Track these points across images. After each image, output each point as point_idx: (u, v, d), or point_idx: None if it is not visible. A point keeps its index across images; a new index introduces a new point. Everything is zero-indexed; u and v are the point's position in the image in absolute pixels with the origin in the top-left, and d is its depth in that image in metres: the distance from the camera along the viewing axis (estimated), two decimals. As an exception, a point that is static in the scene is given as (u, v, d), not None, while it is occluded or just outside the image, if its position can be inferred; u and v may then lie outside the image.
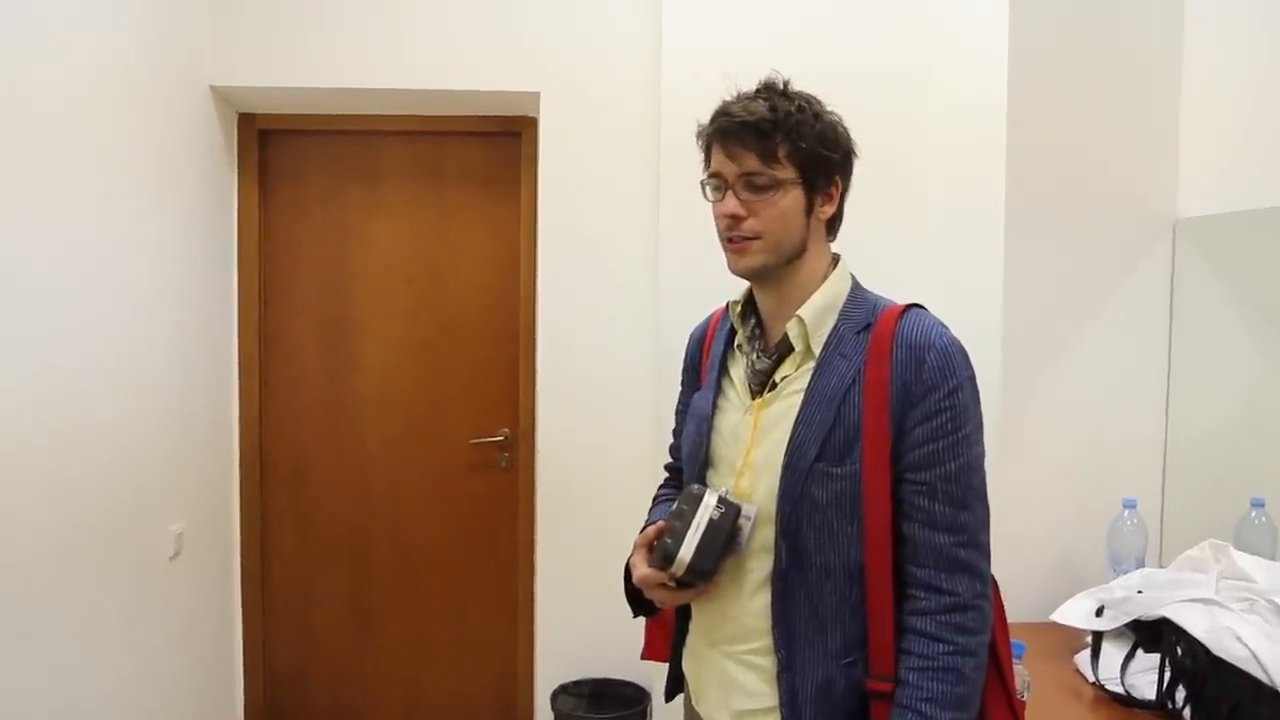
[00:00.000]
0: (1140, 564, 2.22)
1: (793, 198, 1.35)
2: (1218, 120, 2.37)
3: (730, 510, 1.32)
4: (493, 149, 3.34)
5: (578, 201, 3.07)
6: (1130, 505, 2.26)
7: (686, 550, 1.32)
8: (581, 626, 3.16)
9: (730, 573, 1.38)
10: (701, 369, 1.58)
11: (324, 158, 3.35)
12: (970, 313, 2.24)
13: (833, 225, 1.43)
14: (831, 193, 1.39)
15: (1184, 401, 2.43)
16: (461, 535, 3.42)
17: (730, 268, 1.39)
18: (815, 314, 1.37)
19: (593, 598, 3.08)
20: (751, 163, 1.32)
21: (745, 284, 1.45)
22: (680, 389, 1.68)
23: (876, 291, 1.44)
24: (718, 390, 1.48)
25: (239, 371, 3.32)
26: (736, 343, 1.49)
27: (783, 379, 1.38)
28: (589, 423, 3.13)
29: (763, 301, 1.44)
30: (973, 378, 1.31)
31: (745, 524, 1.33)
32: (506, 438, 3.37)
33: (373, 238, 3.35)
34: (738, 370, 1.47)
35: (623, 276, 3.08)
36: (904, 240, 2.59)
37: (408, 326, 3.37)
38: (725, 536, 1.32)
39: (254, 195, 3.30)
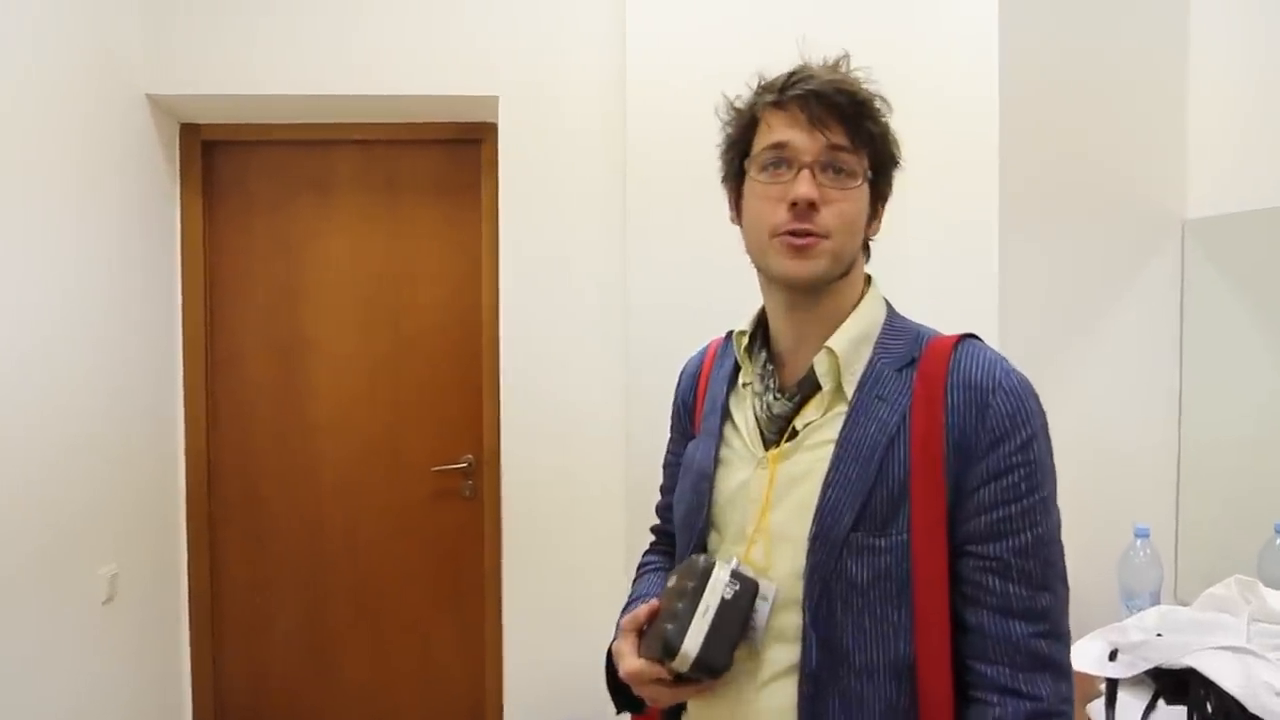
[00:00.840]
0: (1155, 599, 2.04)
1: (865, 195, 1.14)
2: (1226, 117, 2.20)
3: (746, 588, 1.08)
4: (450, 158, 3.16)
5: (541, 211, 2.90)
6: (1143, 535, 2.07)
7: (693, 640, 1.06)
8: (551, 664, 2.96)
9: (741, 663, 1.12)
10: (696, 414, 1.34)
11: (272, 169, 3.16)
12: (962, 326, 2.05)
13: (867, 245, 1.22)
14: (881, 206, 1.19)
15: (1197, 415, 2.25)
16: (424, 568, 3.23)
17: (779, 273, 1.13)
18: (849, 346, 1.14)
19: (563, 633, 2.91)
20: (841, 139, 1.10)
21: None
22: (669, 437, 1.44)
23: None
24: (719, 439, 1.24)
25: (184, 397, 3.13)
26: (743, 381, 1.25)
27: (806, 425, 1.14)
28: (556, 447, 2.94)
29: (786, 329, 1.20)
30: (1046, 425, 1.09)
31: (763, 605, 1.09)
32: (470, 464, 3.18)
33: (325, 253, 3.17)
34: (744, 414, 1.22)
35: (590, 289, 2.90)
36: (890, 253, 2.40)
37: (363, 345, 3.18)
38: (741, 621, 1.08)
39: (198, 210, 3.11)
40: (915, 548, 1.05)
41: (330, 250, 3.17)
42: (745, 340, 1.25)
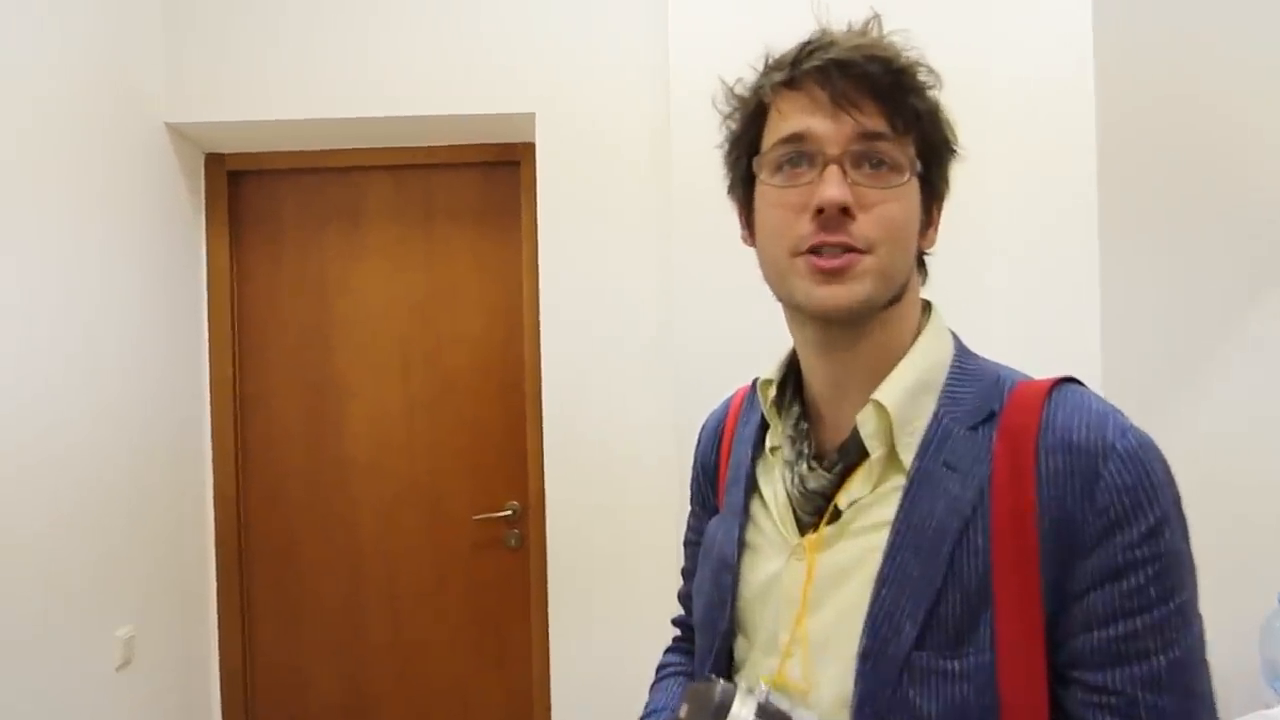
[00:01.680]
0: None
1: (915, 194, 0.88)
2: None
3: None
4: (487, 181, 2.97)
5: (582, 236, 2.69)
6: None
7: None
8: (603, 731, 2.71)
9: None
10: (719, 482, 1.08)
11: (301, 199, 3.00)
12: (1059, 359, 1.74)
13: (922, 260, 0.95)
14: (936, 208, 0.93)
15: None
16: (467, 624, 3.01)
17: (806, 304, 0.87)
18: (904, 398, 0.88)
19: (615, 694, 2.63)
20: (877, 122, 0.85)
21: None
22: (689, 509, 1.18)
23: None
24: (744, 517, 0.99)
25: (212, 441, 2.96)
26: (770, 444, 1.00)
27: (852, 504, 0.89)
28: (603, 492, 2.72)
29: (821, 376, 0.94)
30: (1179, 501, 0.81)
31: None
32: (515, 512, 2.96)
33: (358, 287, 2.99)
34: (773, 486, 0.97)
35: (635, 320, 2.69)
36: (968, 273, 2.12)
37: (398, 384, 2.99)
38: None
39: (225, 243, 2.96)
40: (1002, 673, 0.79)
41: (363, 283, 2.99)
42: (772, 391, 0.98)
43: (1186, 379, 1.91)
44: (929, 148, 0.88)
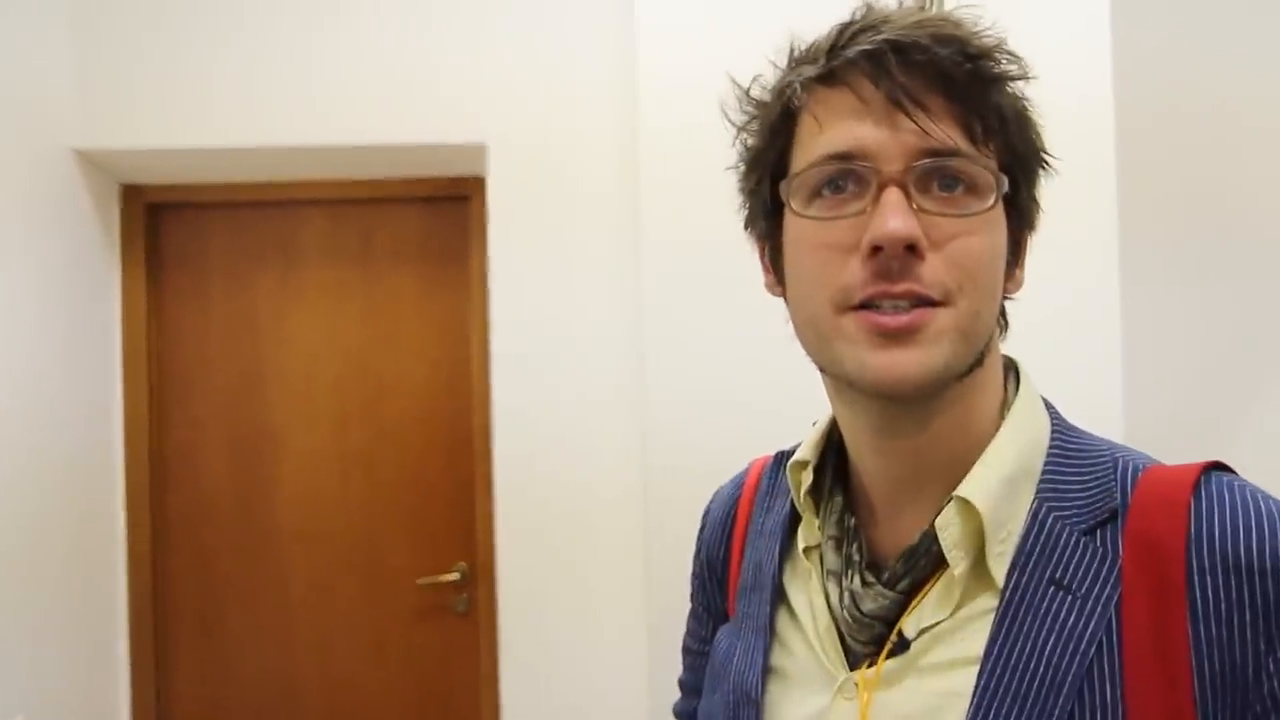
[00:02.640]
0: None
1: (1002, 226, 0.67)
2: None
3: None
4: (433, 218, 2.79)
5: (538, 279, 2.50)
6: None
7: None
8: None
9: None
10: (729, 583, 0.86)
11: (230, 236, 2.78)
12: (1076, 403, 1.58)
13: (1003, 311, 0.73)
14: (1025, 239, 0.72)
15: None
16: (410, 698, 2.78)
17: (860, 376, 0.66)
18: (999, 493, 0.67)
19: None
20: (950, 129, 0.64)
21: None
22: (690, 607, 0.95)
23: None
24: (769, 636, 0.77)
25: (125, 503, 2.71)
26: (805, 543, 0.77)
27: (923, 632, 0.68)
28: (562, 554, 2.53)
29: (880, 465, 0.72)
30: None
31: None
32: (463, 575, 2.74)
33: (291, 331, 2.78)
34: (809, 597, 0.76)
35: (599, 373, 2.50)
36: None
37: (335, 438, 2.78)
38: None
39: (141, 284, 2.73)
40: None
41: (297, 328, 2.78)
42: (808, 477, 0.75)
43: (1214, 425, 1.76)
44: (1017, 160, 0.68)
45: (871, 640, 0.69)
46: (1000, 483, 0.67)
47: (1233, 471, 0.67)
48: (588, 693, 2.50)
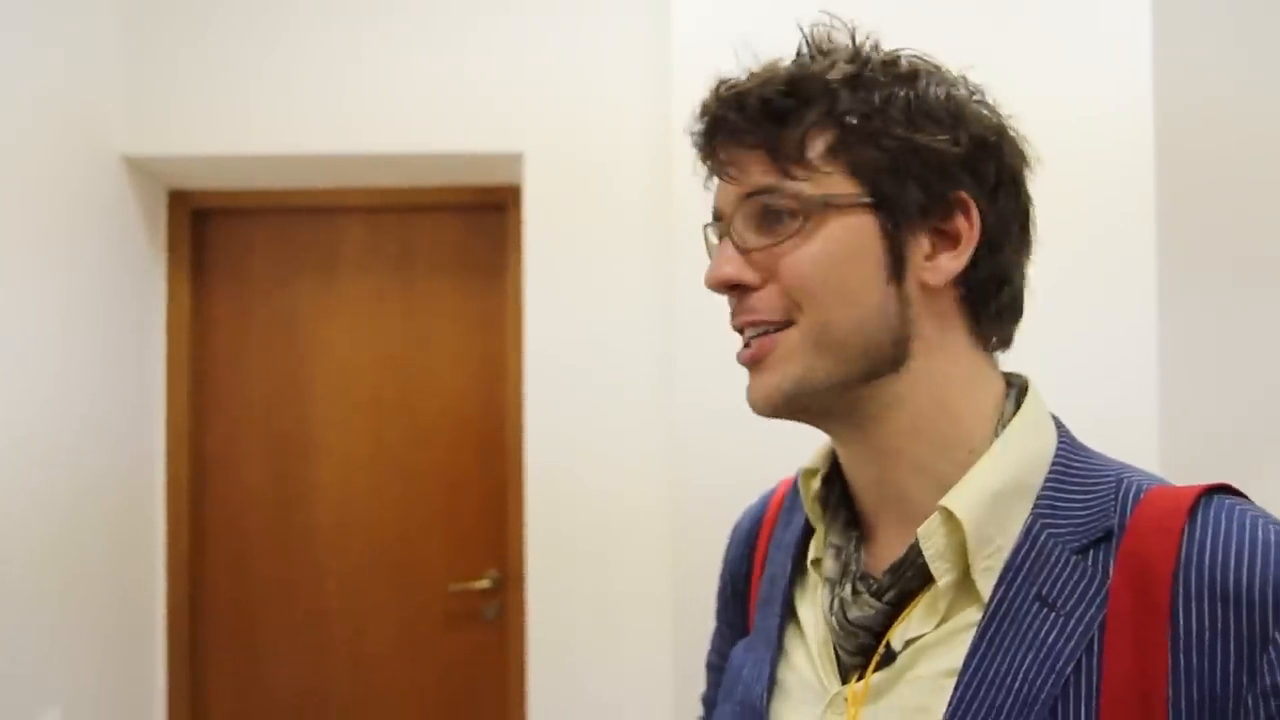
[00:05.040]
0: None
1: (847, 229, 0.68)
2: None
3: None
4: (470, 226, 2.79)
5: (572, 289, 2.50)
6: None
7: None
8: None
9: None
10: (750, 598, 0.88)
11: (271, 242, 2.81)
12: (1109, 435, 1.55)
13: (984, 302, 0.71)
14: (955, 225, 0.69)
15: None
16: (439, 704, 2.78)
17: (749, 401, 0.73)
18: (986, 506, 0.67)
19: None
20: (763, 172, 0.69)
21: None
22: (715, 625, 0.96)
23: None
24: (777, 650, 0.78)
25: (166, 503, 2.74)
26: (813, 555, 0.78)
27: (908, 644, 0.68)
28: (592, 563, 2.52)
29: (856, 471, 0.75)
30: None
31: None
32: (494, 582, 2.73)
33: (329, 337, 2.80)
34: (814, 611, 0.76)
35: (630, 382, 2.49)
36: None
37: (372, 444, 2.79)
38: None
39: (186, 288, 2.76)
40: None
41: (336, 334, 2.80)
42: (816, 483, 0.77)
43: (1250, 448, 1.71)
44: (883, 155, 0.68)
45: (858, 650, 0.70)
46: (989, 496, 0.67)
47: (1240, 494, 0.66)
48: (614, 702, 2.48)
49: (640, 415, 2.47)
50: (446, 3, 2.50)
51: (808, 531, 0.80)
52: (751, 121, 0.69)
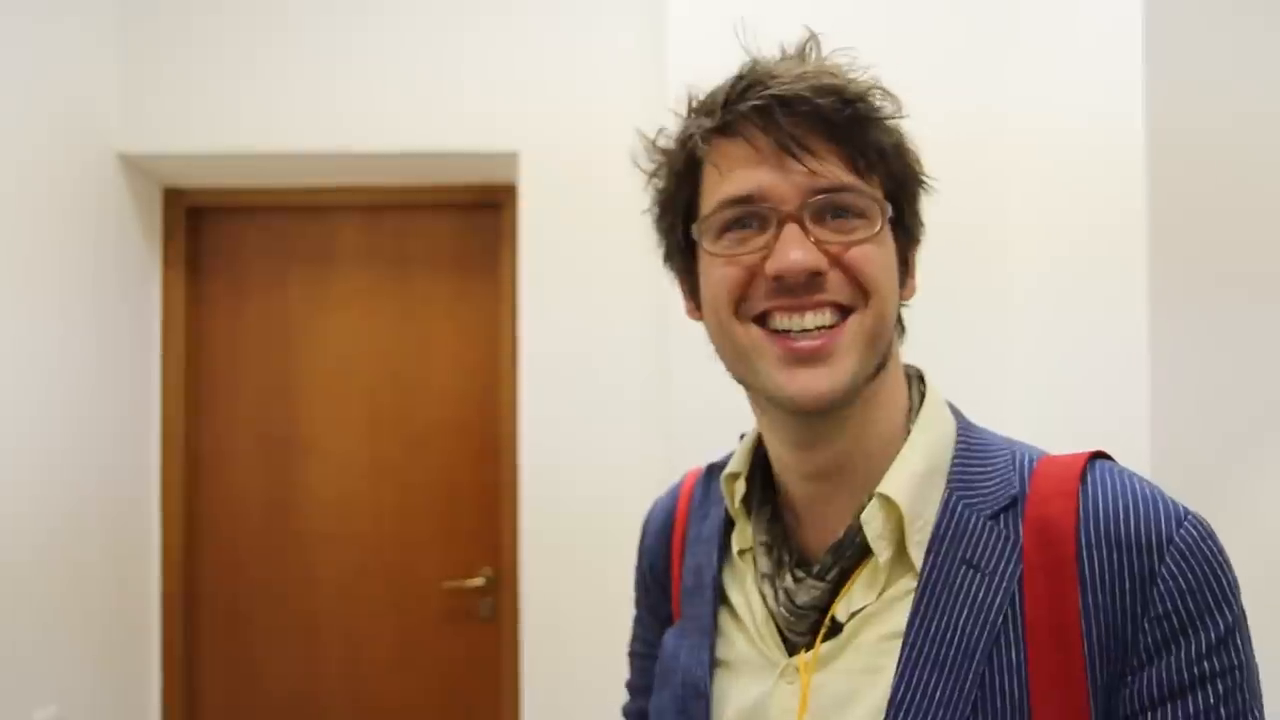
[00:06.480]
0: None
1: (891, 244, 0.76)
2: None
3: None
4: (466, 225, 2.81)
5: (567, 288, 2.51)
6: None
7: None
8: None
9: None
10: (672, 587, 0.94)
11: (267, 240, 2.82)
12: (1102, 442, 1.56)
13: (899, 317, 0.83)
14: (915, 254, 0.82)
15: None
16: (433, 701, 2.79)
17: (777, 395, 0.74)
18: (914, 487, 0.75)
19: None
20: (836, 168, 0.73)
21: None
22: (635, 614, 1.04)
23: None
24: (713, 634, 0.84)
25: (161, 502, 2.74)
26: (739, 547, 0.85)
27: (854, 615, 0.75)
28: (585, 561, 2.52)
29: (801, 471, 0.80)
30: (1241, 602, 0.70)
31: None
32: (489, 580, 2.74)
33: (324, 336, 2.81)
34: (745, 596, 0.83)
35: (626, 382, 2.50)
36: (992, 344, 1.96)
37: (366, 443, 2.80)
38: None
39: (181, 285, 2.77)
40: None
41: (330, 332, 2.81)
42: (740, 486, 0.84)
43: (1245, 458, 1.72)
44: (899, 186, 0.77)
45: (808, 630, 0.77)
46: (915, 478, 0.75)
47: (1113, 459, 0.77)
48: (608, 700, 2.48)
49: (635, 413, 2.48)
50: (442, 1, 2.51)
51: (728, 526, 0.87)
52: (842, 109, 0.72)
